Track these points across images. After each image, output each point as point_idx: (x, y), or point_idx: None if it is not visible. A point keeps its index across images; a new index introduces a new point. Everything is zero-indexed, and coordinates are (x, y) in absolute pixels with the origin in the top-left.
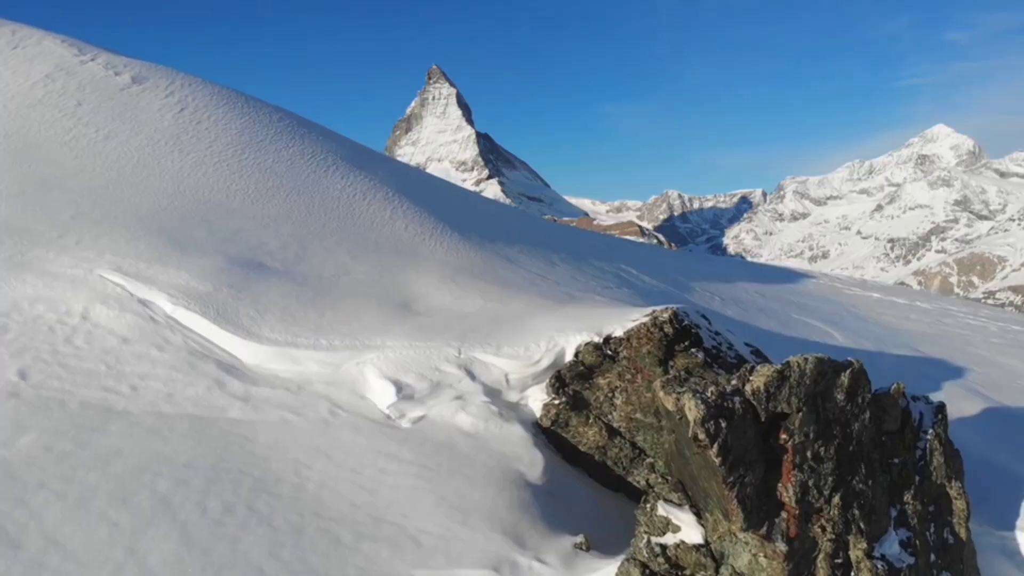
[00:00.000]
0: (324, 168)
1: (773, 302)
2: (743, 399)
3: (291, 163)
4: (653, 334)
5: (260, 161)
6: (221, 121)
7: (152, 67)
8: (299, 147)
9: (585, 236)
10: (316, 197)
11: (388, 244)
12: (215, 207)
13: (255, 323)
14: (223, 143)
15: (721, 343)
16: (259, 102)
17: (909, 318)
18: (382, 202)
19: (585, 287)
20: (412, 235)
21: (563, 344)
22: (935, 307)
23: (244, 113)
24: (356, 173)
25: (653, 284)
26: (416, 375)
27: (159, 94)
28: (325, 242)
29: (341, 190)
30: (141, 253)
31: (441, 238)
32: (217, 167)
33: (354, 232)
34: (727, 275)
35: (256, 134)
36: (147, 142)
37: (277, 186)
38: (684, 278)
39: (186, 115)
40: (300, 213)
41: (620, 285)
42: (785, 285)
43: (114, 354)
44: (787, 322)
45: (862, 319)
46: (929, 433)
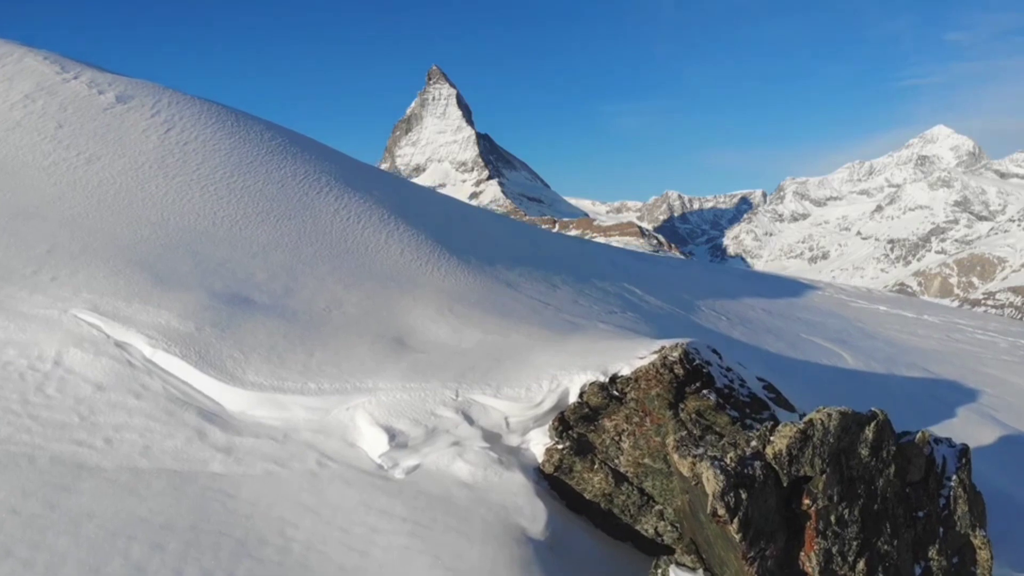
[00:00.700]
0: (317, 189)
1: (780, 320)
2: (764, 464)
3: (282, 185)
4: (663, 376)
5: (250, 184)
6: (209, 141)
7: (138, 84)
8: (291, 167)
9: (587, 252)
10: (308, 221)
11: (383, 271)
12: (200, 235)
13: (239, 366)
14: (211, 165)
15: (733, 380)
16: (250, 119)
17: (917, 334)
18: (377, 225)
19: (588, 313)
20: (408, 260)
21: (567, 384)
22: (943, 321)
23: (233, 132)
24: (350, 194)
25: (658, 306)
26: (410, 421)
27: (144, 113)
28: (316, 271)
29: (335, 213)
30: (120, 290)
31: (438, 262)
32: (204, 191)
33: (347, 259)
34: (732, 291)
35: (246, 154)
36: (131, 165)
37: (267, 210)
38: (689, 296)
39: (172, 135)
40: (291, 240)
41: (625, 309)
42: (791, 299)
43: (88, 403)
44: (795, 342)
45: (870, 336)
46: (953, 480)
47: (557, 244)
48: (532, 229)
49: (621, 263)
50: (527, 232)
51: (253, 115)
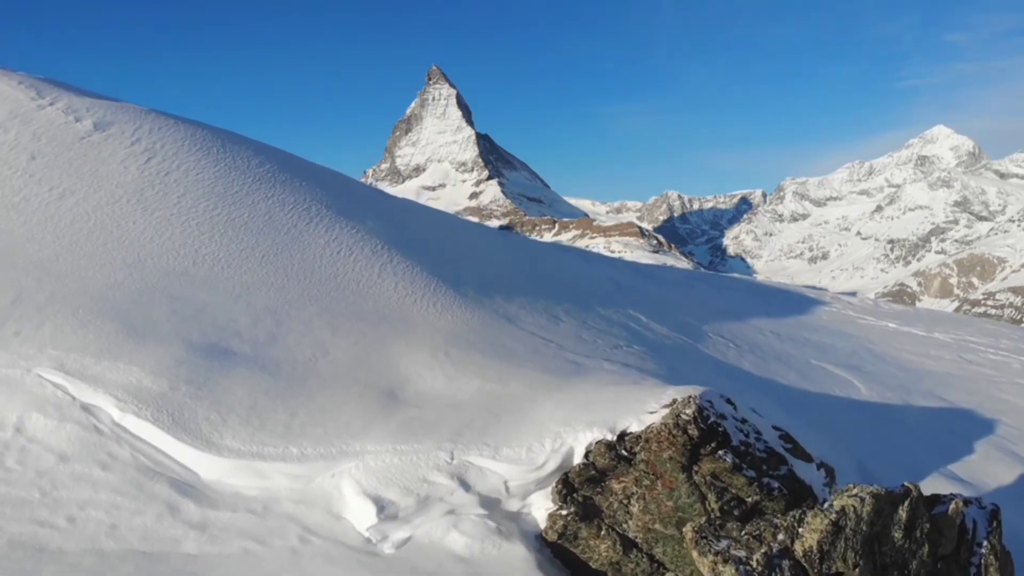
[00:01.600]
0: (307, 220)
1: (789, 344)
2: (793, 562)
3: (269, 217)
4: (676, 438)
5: (234, 216)
6: (193, 170)
7: (119, 108)
8: (279, 196)
9: (588, 271)
10: (296, 257)
11: (374, 310)
12: (180, 277)
13: (215, 429)
14: (194, 197)
15: (749, 434)
16: (237, 144)
17: (929, 355)
18: (370, 257)
19: (592, 349)
20: (401, 296)
21: (571, 443)
22: (955, 339)
23: (219, 159)
24: (342, 224)
25: (664, 335)
26: (401, 488)
27: (124, 142)
28: (303, 313)
29: (325, 245)
30: (88, 344)
31: (434, 298)
32: (185, 227)
33: (337, 298)
34: (738, 310)
35: (231, 184)
36: (107, 200)
37: (252, 246)
38: (696, 321)
39: (153, 165)
40: (277, 278)
41: (630, 341)
42: (798, 318)
43: (50, 477)
44: (806, 371)
45: (881, 359)
46: (984, 546)
47: (557, 263)
48: (531, 246)
49: (624, 282)
50: (527, 251)
51: (242, 135)
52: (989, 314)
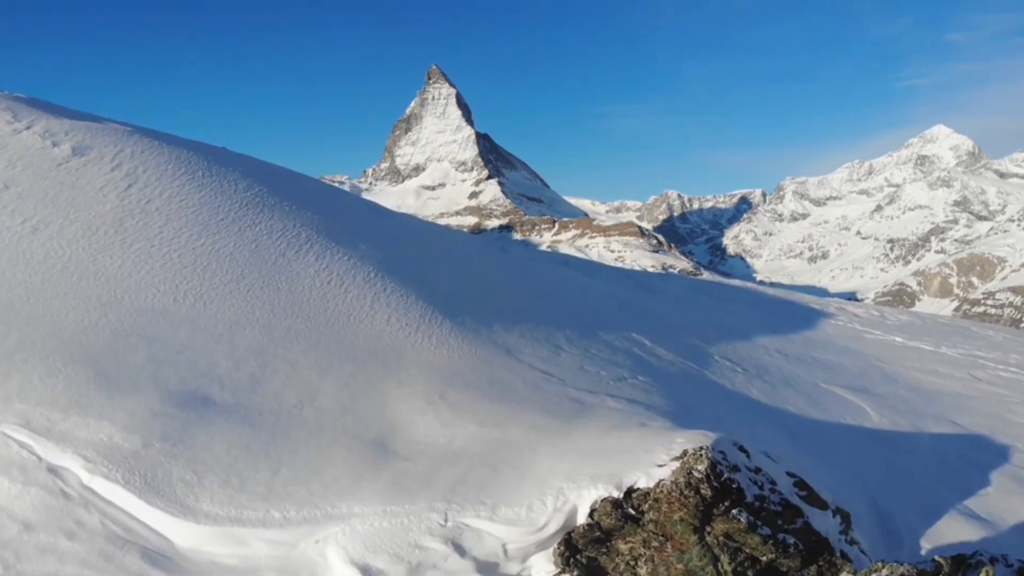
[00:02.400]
0: (296, 248)
1: (797, 364)
2: None
3: (256, 246)
4: (688, 498)
5: (219, 246)
6: (176, 197)
7: (100, 130)
8: (267, 223)
9: (590, 289)
10: (283, 289)
11: (366, 347)
12: (158, 316)
13: (191, 491)
14: (176, 225)
15: (763, 485)
16: (223, 166)
17: (939, 373)
18: (362, 286)
19: (596, 382)
20: (395, 330)
21: (574, 501)
22: (963, 355)
23: (203, 184)
24: (334, 250)
25: (669, 361)
26: (390, 556)
27: (103, 167)
28: (290, 352)
29: (315, 275)
30: (58, 396)
31: (429, 329)
32: (166, 259)
33: (326, 333)
34: (743, 327)
35: (217, 210)
36: (83, 232)
37: (237, 278)
38: (701, 343)
39: (134, 192)
40: (262, 314)
41: (634, 370)
42: (805, 334)
43: (13, 548)
44: (816, 396)
45: (891, 378)
46: None
47: (558, 280)
48: (531, 260)
49: (627, 299)
50: (526, 268)
51: (234, 151)
52: (989, 313)
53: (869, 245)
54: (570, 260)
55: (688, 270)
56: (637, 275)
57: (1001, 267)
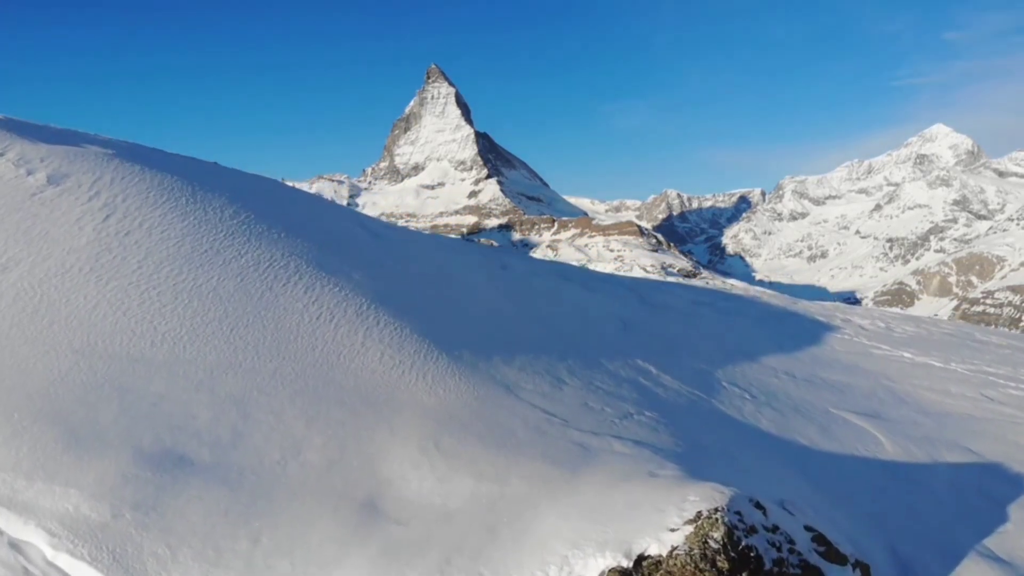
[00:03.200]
0: (284, 280)
1: (805, 388)
2: None
3: (242, 279)
4: (703, 572)
5: (202, 281)
6: (157, 227)
7: (78, 155)
8: (254, 253)
9: (592, 305)
10: (269, 327)
11: (356, 390)
12: (134, 362)
13: (164, 568)
14: (156, 260)
15: (781, 546)
16: (210, 191)
17: (949, 392)
18: (353, 321)
19: (600, 421)
20: (387, 368)
21: (579, 571)
22: (972, 371)
23: (187, 212)
24: (324, 281)
25: (676, 390)
26: None
27: (80, 197)
28: (274, 400)
29: (303, 310)
30: (22, 460)
31: (424, 366)
32: (144, 298)
33: (314, 377)
34: (749, 346)
35: (201, 240)
36: (56, 270)
37: (220, 317)
38: (707, 366)
39: (112, 224)
40: (246, 357)
41: (640, 403)
42: (812, 351)
43: None
44: (827, 424)
45: (902, 400)
46: None
47: (558, 299)
48: (530, 277)
49: (630, 319)
50: (526, 287)
51: (225, 168)
52: (988, 312)
53: (868, 244)
54: (571, 272)
55: (687, 269)
56: (640, 286)
57: (1000, 266)
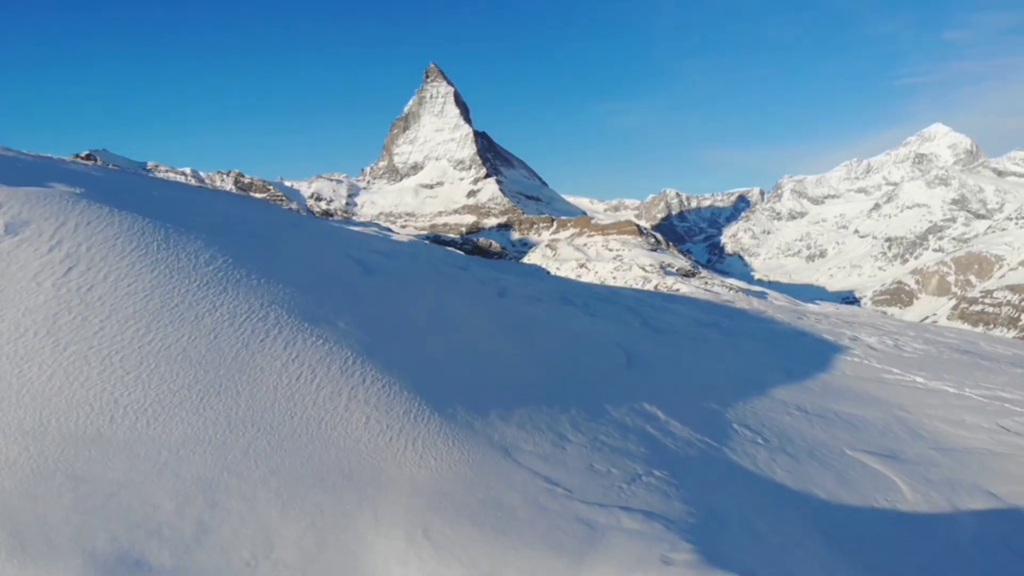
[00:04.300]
0: (261, 335)
1: (819, 426)
2: None
3: (215, 337)
4: None
5: (170, 342)
6: (123, 280)
7: (41, 198)
8: (231, 304)
9: (593, 333)
10: (243, 393)
11: (338, 465)
12: (91, 444)
13: None
14: (121, 318)
15: None
16: (185, 234)
17: (965, 423)
18: (337, 379)
19: (607, 488)
20: (374, 435)
21: None
22: (987, 396)
23: (158, 260)
24: (306, 333)
25: (686, 438)
26: None
27: (40, 247)
28: (246, 483)
29: (281, 370)
30: None
31: (415, 431)
32: (105, 365)
33: (291, 451)
34: (759, 375)
35: (171, 293)
36: (8, 336)
37: (189, 384)
38: (717, 405)
39: (73, 279)
40: (217, 430)
41: (649, 462)
42: (821, 378)
43: None
44: (844, 470)
45: (918, 435)
46: None
47: (557, 329)
48: (531, 305)
49: (633, 348)
50: (526, 318)
51: (209, 194)
52: (987, 312)
53: (867, 243)
54: (572, 292)
55: (686, 269)
56: (643, 306)
57: (999, 265)
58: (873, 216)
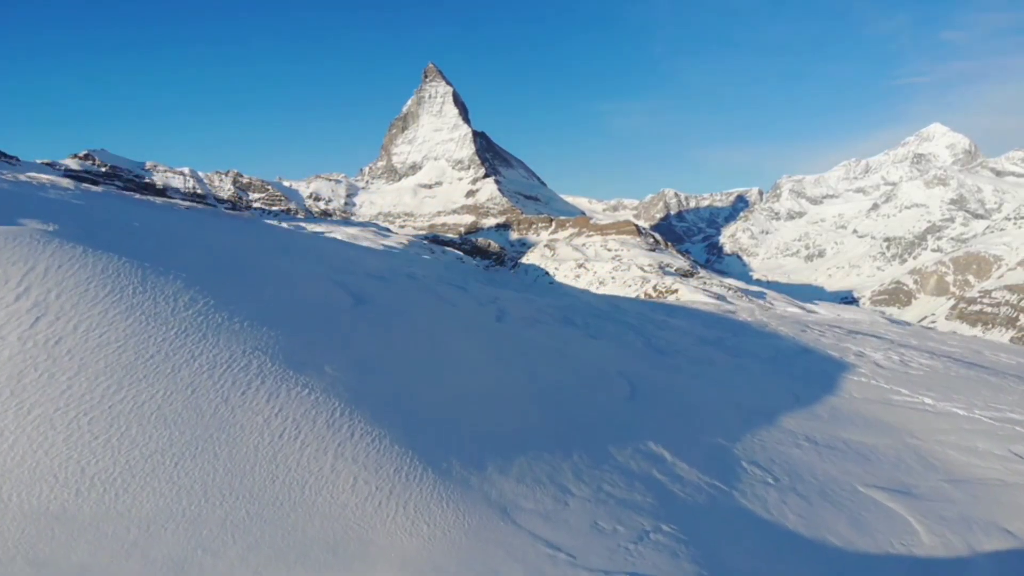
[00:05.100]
0: (243, 387)
1: (829, 459)
2: None
3: (192, 391)
4: None
5: (143, 399)
6: (95, 330)
7: (10, 237)
8: (210, 354)
9: (595, 357)
10: (222, 455)
11: (322, 537)
12: (54, 522)
13: None
14: (91, 373)
15: None
16: (163, 274)
17: (977, 450)
18: (323, 434)
19: (613, 549)
20: (362, 499)
21: None
22: (996, 419)
23: (134, 305)
24: (291, 383)
25: (695, 482)
26: None
27: (6, 296)
28: (222, 561)
29: (263, 427)
30: None
31: (406, 491)
32: (73, 429)
33: (272, 522)
34: (767, 403)
35: (147, 343)
36: None
37: (163, 448)
38: (725, 440)
39: (41, 330)
40: (191, 502)
41: (657, 515)
42: (829, 401)
43: None
44: (857, 512)
45: (930, 465)
46: None
47: (560, 355)
48: (531, 329)
49: (636, 374)
50: (526, 347)
51: (191, 222)
52: (985, 312)
53: (866, 243)
54: (572, 310)
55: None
56: (645, 323)
57: (997, 265)
58: (872, 216)
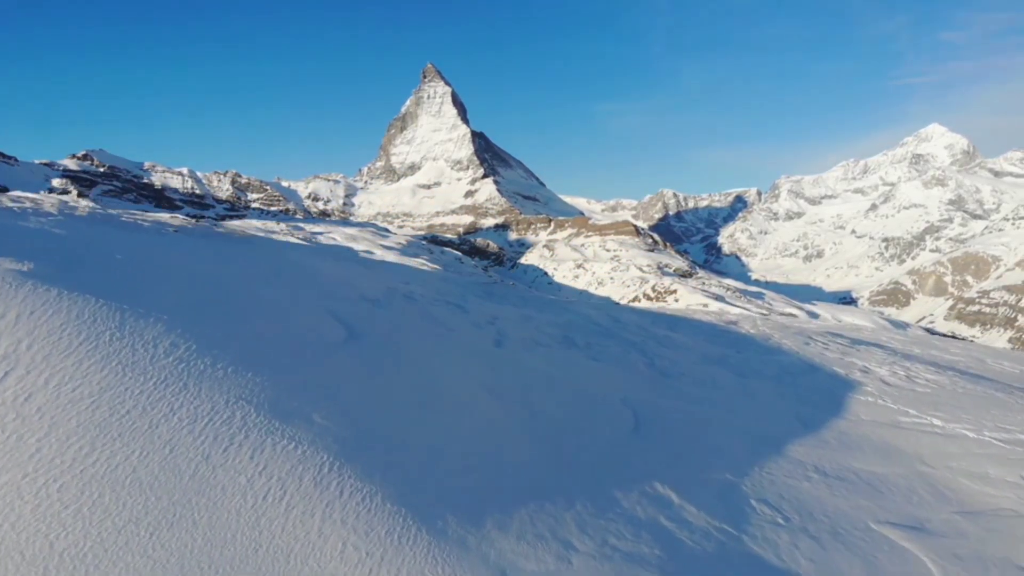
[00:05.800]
0: (225, 443)
1: (840, 492)
2: None
3: (171, 450)
4: None
5: (117, 462)
6: (68, 382)
7: None
8: (191, 404)
9: (597, 384)
10: (201, 522)
11: None
12: None
13: None
14: (60, 436)
15: None
16: (144, 316)
17: (988, 477)
18: (310, 494)
19: None
20: (351, 568)
21: None
22: (1007, 442)
23: (110, 353)
24: (277, 436)
25: (703, 530)
26: None
27: None
28: None
29: (246, 488)
30: None
31: (398, 557)
32: (41, 498)
33: None
34: (774, 429)
35: (123, 395)
36: None
37: (138, 516)
38: (732, 475)
39: (10, 386)
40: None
41: (664, 570)
42: (837, 425)
43: None
44: (871, 554)
45: (942, 497)
46: None
47: (561, 382)
48: (529, 354)
49: (639, 402)
50: (526, 378)
51: (180, 248)
52: (984, 312)
53: (864, 244)
54: (573, 328)
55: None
56: (647, 338)
57: (996, 266)
58: (870, 216)
